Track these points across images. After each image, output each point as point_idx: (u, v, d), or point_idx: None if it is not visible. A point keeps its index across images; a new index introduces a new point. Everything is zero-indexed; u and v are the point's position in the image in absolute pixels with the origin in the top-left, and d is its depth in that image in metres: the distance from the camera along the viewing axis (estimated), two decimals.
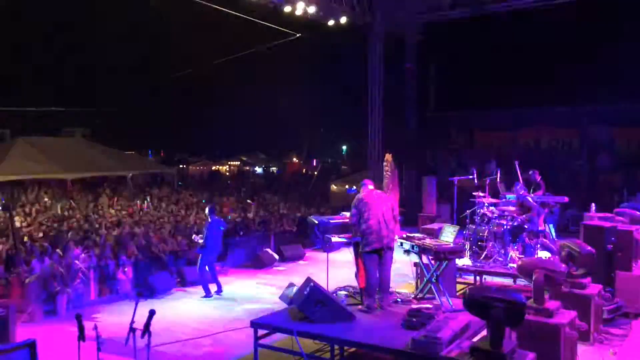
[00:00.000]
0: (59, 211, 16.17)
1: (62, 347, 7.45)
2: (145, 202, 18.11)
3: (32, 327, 8.44)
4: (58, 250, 10.51)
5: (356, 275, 8.45)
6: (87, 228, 13.15)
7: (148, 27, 31.28)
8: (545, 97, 22.24)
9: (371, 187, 7.52)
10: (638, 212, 10.28)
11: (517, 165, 11.33)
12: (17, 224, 12.61)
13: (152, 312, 4.94)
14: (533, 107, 18.89)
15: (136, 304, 5.17)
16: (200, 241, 10.41)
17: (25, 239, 11.63)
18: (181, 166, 39.63)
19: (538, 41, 23.34)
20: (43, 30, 33.37)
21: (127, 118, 38.83)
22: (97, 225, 13.66)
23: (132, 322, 4.92)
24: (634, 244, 8.67)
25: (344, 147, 45.55)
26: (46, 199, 18.23)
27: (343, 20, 17.73)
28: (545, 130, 21.32)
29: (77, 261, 9.82)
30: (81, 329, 4.74)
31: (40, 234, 12.51)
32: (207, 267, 10.38)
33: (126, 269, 10.62)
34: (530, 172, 12.63)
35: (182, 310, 9.51)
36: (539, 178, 12.49)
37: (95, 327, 4.79)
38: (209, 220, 10.54)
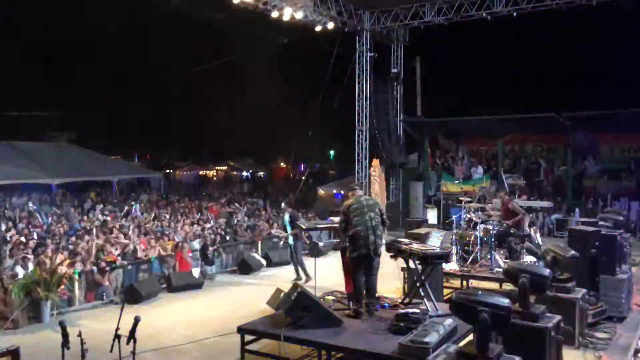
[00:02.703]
0: (44, 216, 15.99)
1: (45, 354, 7.36)
2: (134, 207, 17.95)
3: (15, 333, 8.32)
4: (42, 256, 10.39)
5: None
6: (71, 233, 13.01)
7: (135, 30, 31.13)
8: (530, 103, 22.48)
9: (360, 192, 7.54)
10: (621, 217, 10.43)
11: (502, 172, 11.47)
12: (2, 228, 12.43)
13: (137, 319, 4.90)
14: (518, 113, 19.09)
15: (121, 310, 5.12)
16: (285, 234, 11.94)
17: (10, 244, 11.47)
18: (168, 170, 39.38)
19: (523, 48, 23.64)
20: (27, 33, 33.08)
21: (113, 122, 38.55)
22: (82, 231, 13.53)
23: (117, 328, 4.88)
24: (618, 249, 8.77)
25: (332, 152, 45.62)
26: (30, 204, 18.01)
27: (330, 25, 17.82)
28: (530, 136, 21.53)
29: (61, 267, 9.71)
30: (65, 335, 4.69)
31: (25, 239, 12.35)
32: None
33: (111, 275, 10.52)
34: (516, 178, 12.79)
35: (168, 316, 9.43)
36: (524, 183, 12.64)
37: (80, 334, 4.73)
38: (287, 214, 11.88)
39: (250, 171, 44.66)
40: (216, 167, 44.67)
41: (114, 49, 34.37)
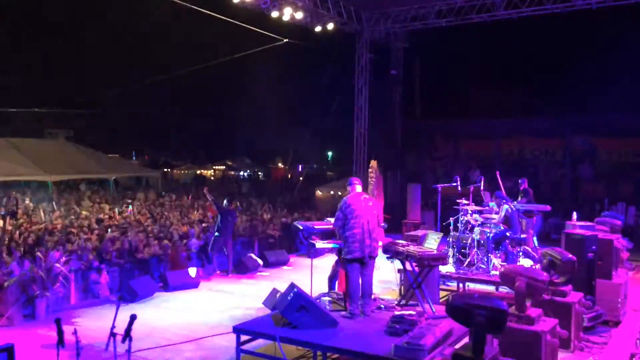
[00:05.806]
0: (41, 214, 15.94)
1: (40, 352, 7.35)
2: (130, 206, 17.90)
3: (10, 331, 8.30)
4: (38, 253, 10.35)
5: (330, 280, 8.62)
6: (68, 231, 12.97)
7: (133, 28, 31.10)
8: (529, 107, 22.51)
9: (359, 187, 7.46)
10: (619, 222, 10.44)
11: (498, 176, 11.48)
12: None
13: (133, 317, 4.89)
14: (517, 116, 19.17)
15: (117, 309, 5.12)
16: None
17: (6, 241, 11.42)
18: (165, 169, 39.33)
19: (522, 51, 23.66)
20: (26, 31, 33.05)
21: (111, 120, 38.51)
22: (78, 229, 13.49)
23: (113, 327, 4.87)
24: (614, 253, 8.79)
25: (330, 153, 45.59)
26: (27, 201, 17.96)
27: (330, 26, 17.81)
28: (528, 140, 21.59)
29: (57, 265, 9.68)
30: (60, 333, 4.67)
31: (21, 236, 12.30)
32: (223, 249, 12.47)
33: (107, 273, 10.49)
34: (520, 181, 12.85)
35: (164, 315, 9.42)
36: (526, 186, 12.69)
37: (75, 332, 4.72)
38: (226, 209, 12.52)
39: (248, 171, 44.58)
40: (214, 167, 44.56)
41: (112, 46, 34.35)
